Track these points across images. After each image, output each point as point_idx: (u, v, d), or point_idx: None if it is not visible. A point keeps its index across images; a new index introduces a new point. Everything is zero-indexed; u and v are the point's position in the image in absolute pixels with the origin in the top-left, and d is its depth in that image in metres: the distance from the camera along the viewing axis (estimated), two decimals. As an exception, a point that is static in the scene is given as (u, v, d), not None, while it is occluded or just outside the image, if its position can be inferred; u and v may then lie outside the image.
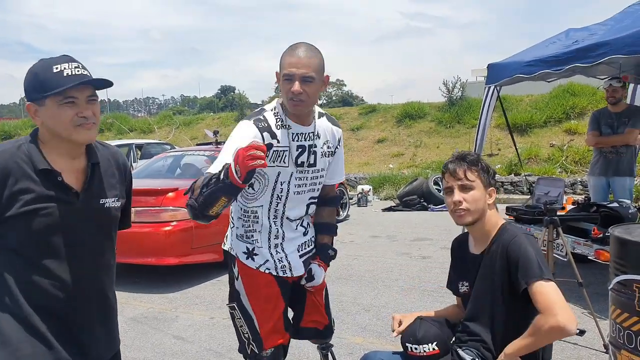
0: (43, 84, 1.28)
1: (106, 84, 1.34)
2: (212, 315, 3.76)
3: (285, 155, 1.74)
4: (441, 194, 8.85)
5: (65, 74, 1.28)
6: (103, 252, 1.44)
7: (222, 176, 1.43)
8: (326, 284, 2.01)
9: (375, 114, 15.37)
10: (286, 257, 1.83)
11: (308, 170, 1.80)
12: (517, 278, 1.50)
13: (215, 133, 6.10)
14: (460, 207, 1.60)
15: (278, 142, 1.71)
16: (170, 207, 4.49)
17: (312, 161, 1.80)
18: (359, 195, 9.47)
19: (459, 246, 1.80)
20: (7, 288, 1.31)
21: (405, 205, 8.70)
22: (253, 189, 1.76)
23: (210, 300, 4.10)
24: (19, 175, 1.27)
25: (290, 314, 1.95)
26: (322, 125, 1.85)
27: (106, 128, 18.09)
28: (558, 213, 3.16)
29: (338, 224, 2.16)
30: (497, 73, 4.73)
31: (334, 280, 4.50)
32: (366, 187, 9.73)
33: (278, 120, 1.74)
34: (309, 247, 1.92)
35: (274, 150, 1.69)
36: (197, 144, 8.45)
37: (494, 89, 4.89)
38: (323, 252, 1.93)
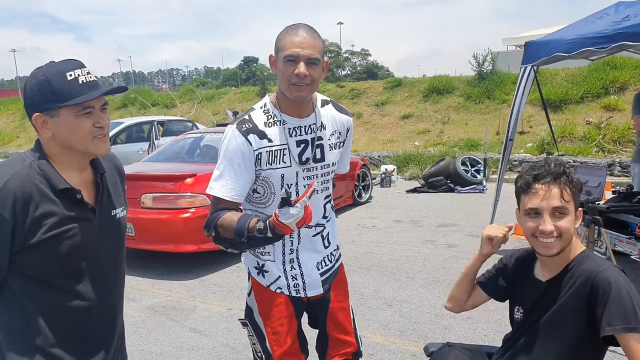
0: (58, 93, 1.18)
1: (122, 90, 1.30)
2: (230, 306, 3.70)
3: (285, 154, 1.56)
4: (469, 175, 8.53)
5: (80, 82, 1.20)
6: (119, 264, 1.40)
7: (269, 233, 1.37)
8: (351, 305, 1.85)
9: (401, 88, 14.86)
10: (302, 274, 1.67)
11: (316, 167, 1.62)
12: (600, 318, 1.26)
13: (235, 114, 5.99)
14: (552, 236, 1.30)
15: (270, 141, 1.54)
16: (189, 193, 4.40)
17: (318, 156, 1.62)
18: (383, 175, 9.22)
19: (523, 266, 1.51)
20: (27, 319, 1.22)
21: (431, 186, 8.42)
22: (258, 192, 1.61)
23: (228, 289, 4.05)
24: (39, 199, 1.18)
25: (309, 330, 1.81)
26: (328, 114, 1.66)
27: (129, 102, 18.17)
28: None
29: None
30: (534, 52, 4.35)
31: (355, 269, 4.37)
32: (390, 167, 9.44)
33: (269, 117, 1.56)
34: (330, 262, 1.74)
35: (267, 151, 1.54)
36: (217, 125, 8.34)
37: (530, 69, 4.52)
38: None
